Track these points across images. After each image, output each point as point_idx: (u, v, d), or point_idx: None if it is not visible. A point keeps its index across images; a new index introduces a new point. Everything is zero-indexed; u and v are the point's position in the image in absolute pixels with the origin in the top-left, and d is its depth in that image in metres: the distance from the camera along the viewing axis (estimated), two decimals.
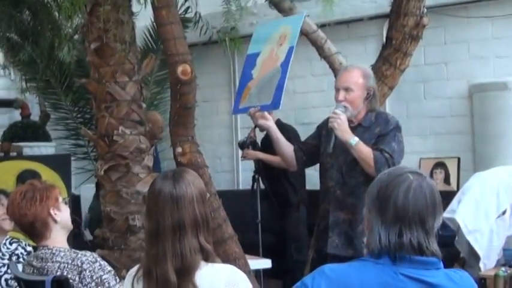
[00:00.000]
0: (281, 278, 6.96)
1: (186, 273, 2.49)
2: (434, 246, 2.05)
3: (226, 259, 5.19)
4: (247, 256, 5.87)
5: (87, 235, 7.44)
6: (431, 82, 7.43)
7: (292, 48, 4.32)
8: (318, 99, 8.09)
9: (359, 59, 5.57)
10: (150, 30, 8.62)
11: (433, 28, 6.44)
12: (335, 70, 5.85)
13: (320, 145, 4.26)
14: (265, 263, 5.77)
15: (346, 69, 4.26)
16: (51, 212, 3.32)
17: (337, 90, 4.12)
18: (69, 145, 8.91)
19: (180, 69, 4.77)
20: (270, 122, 4.27)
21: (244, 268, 5.23)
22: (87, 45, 5.76)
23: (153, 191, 2.61)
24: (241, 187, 8.82)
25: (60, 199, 3.41)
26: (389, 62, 5.66)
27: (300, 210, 7.05)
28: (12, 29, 7.30)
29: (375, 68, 5.54)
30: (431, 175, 7.04)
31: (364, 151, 3.95)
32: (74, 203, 7.65)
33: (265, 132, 7.14)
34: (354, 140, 3.95)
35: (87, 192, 7.82)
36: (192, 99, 4.99)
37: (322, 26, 6.08)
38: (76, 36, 7.88)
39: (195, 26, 7.32)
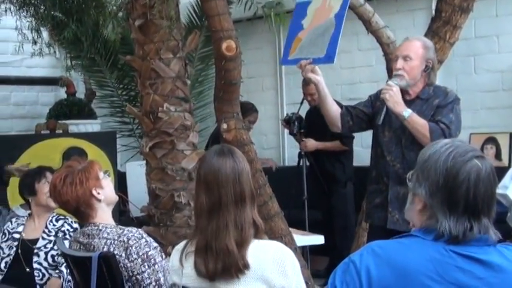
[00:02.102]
0: (328, 255, 6.90)
1: (242, 246, 2.54)
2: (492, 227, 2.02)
3: (272, 236, 5.16)
4: (300, 232, 5.86)
5: (134, 212, 7.45)
6: (482, 55, 7.24)
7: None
8: (365, 74, 7.97)
9: (407, 33, 5.42)
10: (194, 6, 8.55)
11: (483, 0, 6.27)
12: (382, 44, 5.74)
13: (373, 115, 4.19)
14: (318, 239, 5.70)
15: (408, 38, 4.21)
16: (94, 192, 3.30)
17: (396, 58, 4.09)
18: (114, 122, 8.92)
19: (224, 45, 4.70)
20: (319, 77, 4.21)
21: (291, 245, 5.20)
22: (132, 22, 5.74)
23: (210, 166, 2.65)
24: (287, 164, 8.76)
25: (101, 175, 3.38)
26: (438, 35, 5.52)
27: (347, 186, 6.98)
28: (57, 7, 7.29)
29: None
30: (481, 150, 6.88)
31: (419, 122, 3.91)
32: (120, 180, 7.66)
33: (308, 108, 7.14)
34: (406, 111, 3.92)
35: (132, 169, 7.81)
36: (237, 75, 4.93)
37: None
38: (120, 14, 7.86)
39: (239, 2, 7.25)
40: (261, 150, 7.74)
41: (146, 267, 3.13)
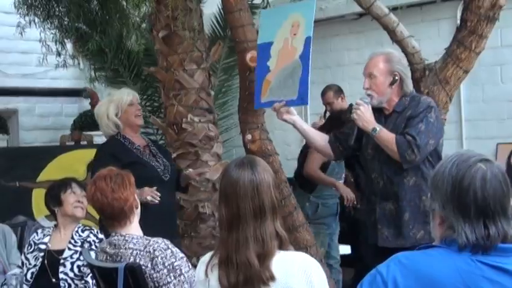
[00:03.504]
0: (354, 266, 6.84)
1: (264, 259, 2.51)
2: None
3: (297, 247, 5.14)
4: None
5: None
6: (508, 64, 7.17)
7: (309, 38, 4.15)
8: None
9: (432, 42, 5.38)
10: (218, 17, 8.56)
11: (510, 9, 6.20)
12: (408, 54, 5.67)
13: (361, 136, 4.14)
14: (344, 249, 5.67)
15: (371, 55, 4.15)
16: (135, 198, 3.35)
17: (364, 78, 4.07)
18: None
19: (249, 56, 4.70)
20: (295, 116, 4.23)
21: (316, 256, 5.17)
22: (155, 33, 5.78)
23: (229, 178, 2.63)
24: None
25: None
26: (464, 45, 5.45)
27: None
28: (81, 19, 7.34)
29: (449, 51, 5.35)
30: (508, 160, 6.82)
31: (386, 138, 3.88)
32: None
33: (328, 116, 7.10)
34: (374, 129, 3.88)
35: None
36: None
37: (394, 9, 5.90)
38: (144, 25, 7.89)
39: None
40: (285, 160, 7.68)
41: (172, 277, 3.13)
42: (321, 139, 4.33)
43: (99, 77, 8.32)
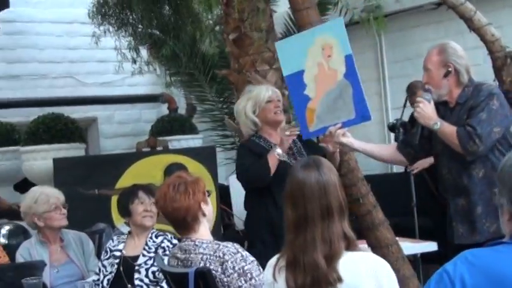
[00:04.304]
0: (440, 263, 6.63)
1: (332, 260, 2.47)
2: None
3: (378, 245, 5.04)
4: (410, 240, 5.67)
5: (238, 225, 7.43)
6: None
7: (349, 56, 4.11)
8: (472, 73, 7.67)
9: None
10: (291, 15, 8.49)
11: None
12: (487, 42, 5.52)
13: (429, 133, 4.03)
14: (430, 246, 5.49)
15: (428, 49, 4.05)
16: (202, 205, 3.32)
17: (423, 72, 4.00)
18: (216, 136, 8.95)
19: None
20: (351, 139, 4.16)
21: (398, 254, 5.07)
22: (226, 36, 5.75)
23: (296, 180, 2.60)
24: (394, 170, 8.54)
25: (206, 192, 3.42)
26: None
27: None
28: (154, 25, 7.40)
29: None
30: None
31: (448, 131, 3.77)
32: (224, 193, 7.66)
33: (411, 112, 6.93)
34: (436, 124, 3.78)
35: (236, 182, 7.77)
36: None
37: None
38: (217, 27, 7.90)
39: (334, 8, 7.14)
40: (367, 157, 7.58)
41: (243, 281, 3.09)
42: (386, 151, 4.28)
43: (174, 82, 8.36)
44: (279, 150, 4.25)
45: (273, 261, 2.67)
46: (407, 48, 8.31)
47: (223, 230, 7.60)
